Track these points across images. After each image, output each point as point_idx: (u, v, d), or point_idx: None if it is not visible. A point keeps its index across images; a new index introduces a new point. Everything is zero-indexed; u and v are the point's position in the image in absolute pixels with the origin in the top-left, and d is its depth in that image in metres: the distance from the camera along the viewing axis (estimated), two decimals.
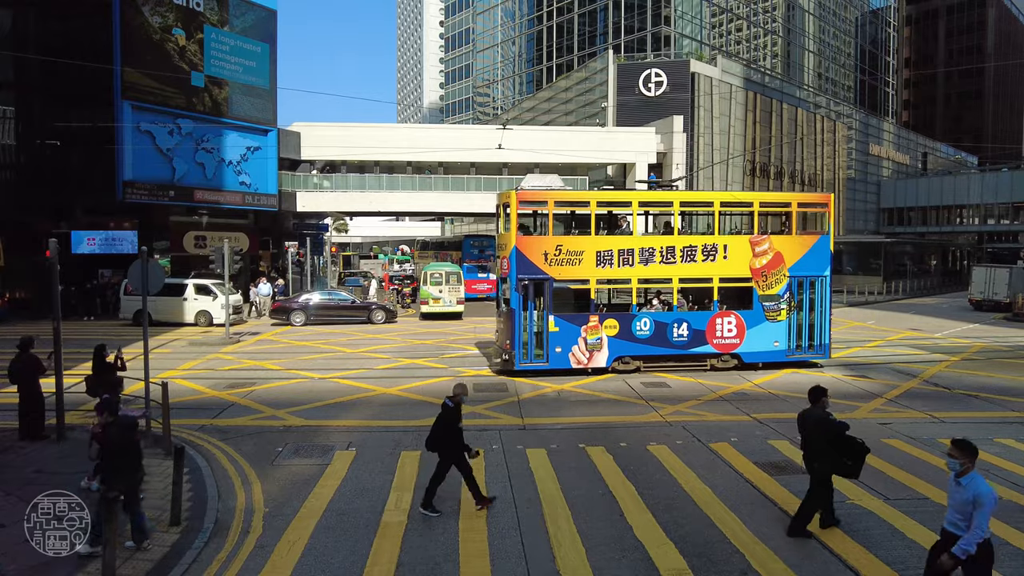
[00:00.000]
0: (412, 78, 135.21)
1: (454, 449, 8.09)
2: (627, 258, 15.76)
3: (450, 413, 8.15)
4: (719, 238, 16.23)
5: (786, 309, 16.38)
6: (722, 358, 16.48)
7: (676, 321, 16.16)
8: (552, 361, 15.61)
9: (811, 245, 16.59)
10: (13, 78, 29.62)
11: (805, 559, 6.97)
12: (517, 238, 15.37)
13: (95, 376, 10.47)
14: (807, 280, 16.54)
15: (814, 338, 16.73)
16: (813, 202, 19.21)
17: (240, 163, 31.92)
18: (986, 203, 59.56)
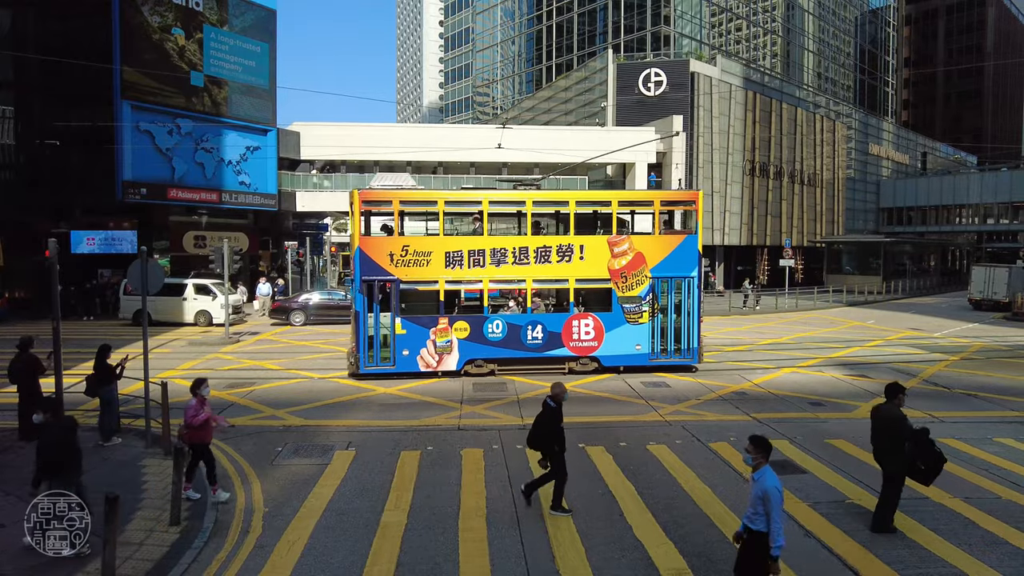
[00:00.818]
0: (412, 78, 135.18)
1: (553, 449, 8.03)
2: (478, 259, 15.31)
3: (552, 413, 8.07)
4: (575, 238, 15.71)
5: (648, 311, 15.82)
6: (580, 361, 15.98)
7: (530, 323, 15.68)
8: (399, 364, 15.15)
9: (676, 245, 15.95)
10: (13, 78, 29.62)
11: (805, 559, 6.98)
12: (360, 239, 15.02)
13: (96, 376, 10.46)
14: (672, 281, 15.88)
15: (681, 342, 16.05)
16: (679, 200, 18.04)
17: (240, 163, 31.91)
18: (985, 203, 59.57)
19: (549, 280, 15.90)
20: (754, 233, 47.20)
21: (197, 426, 8.15)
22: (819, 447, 10.69)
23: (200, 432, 8.21)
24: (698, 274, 15.96)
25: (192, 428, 8.14)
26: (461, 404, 13.38)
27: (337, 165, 37.94)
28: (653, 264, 15.81)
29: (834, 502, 8.42)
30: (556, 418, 8.04)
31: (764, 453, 5.64)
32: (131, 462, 9.59)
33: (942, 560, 6.95)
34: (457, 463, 9.83)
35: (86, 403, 11.23)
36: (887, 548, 7.19)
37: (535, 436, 8.10)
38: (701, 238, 16.14)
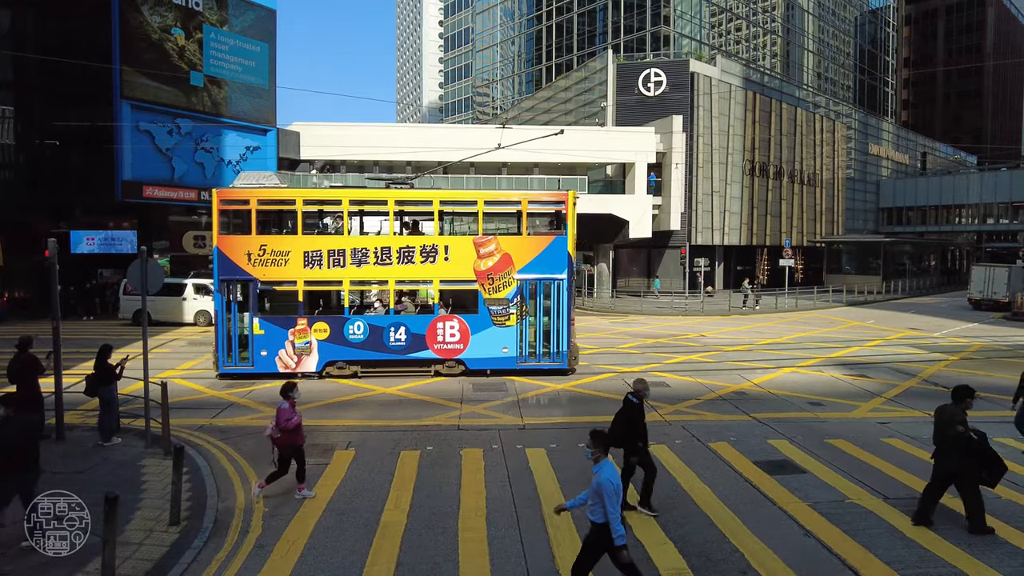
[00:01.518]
0: (411, 78, 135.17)
1: (639, 445, 8.02)
2: (338, 259, 15.07)
3: (634, 409, 8.04)
4: (439, 239, 15.50)
5: (516, 314, 15.50)
6: (447, 364, 15.70)
7: (393, 325, 15.43)
8: (257, 365, 14.95)
9: (545, 246, 15.54)
10: (12, 78, 29.60)
11: (805, 558, 6.98)
12: (219, 238, 14.95)
13: (96, 376, 10.46)
14: (541, 283, 15.52)
15: (551, 345, 15.70)
16: (548, 200, 17.57)
17: (239, 163, 31.91)
18: (985, 203, 59.58)
19: (413, 281, 15.65)
20: (754, 233, 47.20)
21: (291, 429, 8.21)
22: (819, 447, 10.69)
23: (293, 435, 8.27)
24: (568, 276, 15.54)
25: (286, 431, 8.20)
26: (461, 404, 13.38)
27: (337, 165, 37.92)
28: (521, 265, 15.44)
29: (833, 502, 8.42)
30: (639, 414, 8.04)
31: (603, 447, 5.89)
32: (131, 462, 9.58)
33: (942, 560, 6.95)
34: (457, 463, 9.83)
35: (86, 403, 11.23)
36: (887, 548, 7.19)
37: (614, 435, 8.08)
38: (573, 239, 15.63)
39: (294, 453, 8.37)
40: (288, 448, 8.29)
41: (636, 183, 38.14)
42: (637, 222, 37.52)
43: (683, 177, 40.17)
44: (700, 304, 33.81)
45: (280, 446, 8.24)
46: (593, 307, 34.32)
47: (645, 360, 18.46)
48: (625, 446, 8.06)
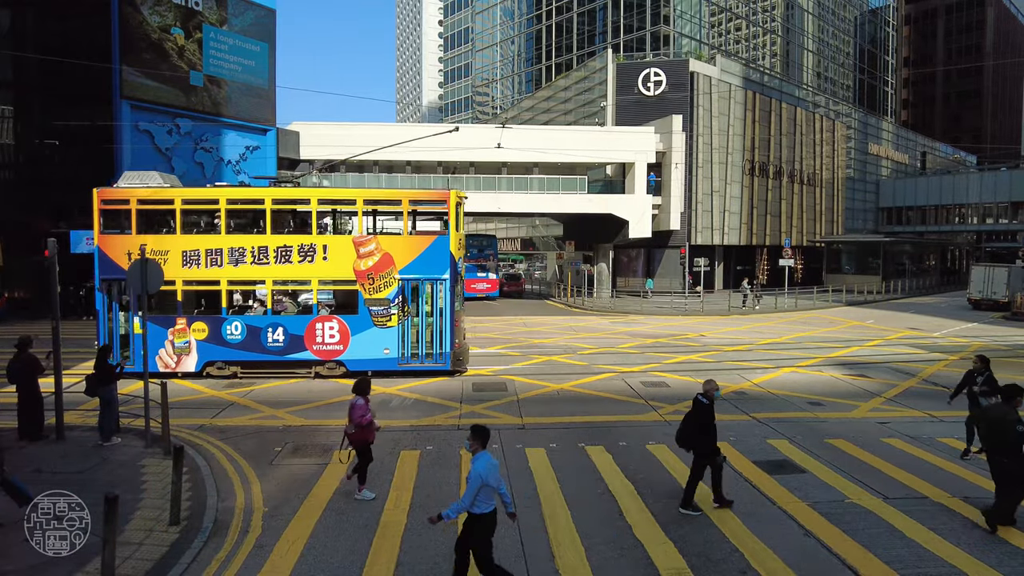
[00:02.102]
0: (411, 77, 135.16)
1: (709, 446, 8.05)
2: (215, 258, 14.92)
3: (705, 410, 8.06)
4: (318, 238, 15.28)
5: (397, 315, 15.30)
6: (327, 366, 15.48)
7: (271, 325, 15.22)
8: (139, 364, 14.21)
9: (426, 246, 15.34)
10: (12, 77, 29.59)
11: (804, 558, 6.98)
12: (99, 237, 14.87)
13: (96, 376, 10.46)
14: (423, 283, 15.34)
15: (433, 346, 15.50)
16: (429, 199, 17.37)
17: (239, 162, 31.91)
18: (985, 202, 59.60)
19: (291, 281, 15.49)
20: (753, 233, 47.20)
21: (364, 425, 8.32)
22: (818, 447, 10.69)
23: (366, 432, 8.37)
24: (451, 276, 15.33)
25: (361, 428, 8.30)
26: (461, 404, 13.38)
27: (336, 165, 37.90)
28: (402, 265, 15.24)
29: (833, 501, 8.43)
30: (710, 415, 8.06)
31: (480, 440, 6.11)
32: (131, 462, 9.58)
33: (941, 559, 6.95)
34: (456, 463, 9.83)
35: (86, 403, 11.23)
36: (886, 547, 7.20)
37: (685, 435, 8.15)
38: (455, 239, 15.39)
39: (363, 450, 8.52)
40: (361, 443, 8.43)
41: (636, 183, 38.14)
42: (637, 222, 37.52)
43: (683, 177, 40.16)
44: (700, 304, 33.81)
45: (353, 442, 8.39)
46: (593, 307, 34.33)
47: (645, 360, 18.46)
48: (695, 447, 8.11)
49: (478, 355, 19.20)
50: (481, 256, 39.60)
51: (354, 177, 36.84)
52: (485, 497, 5.95)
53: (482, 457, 6.03)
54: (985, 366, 10.41)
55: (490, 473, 5.92)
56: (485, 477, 5.86)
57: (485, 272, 39.18)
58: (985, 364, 10.44)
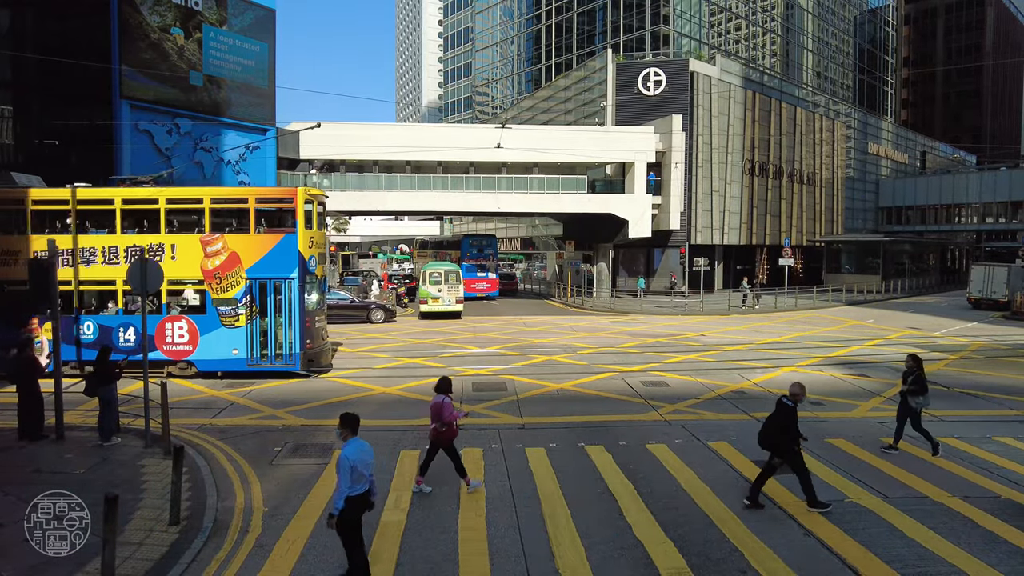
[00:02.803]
0: (411, 77, 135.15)
1: (791, 448, 8.08)
2: (65, 258, 14.73)
3: (788, 413, 8.11)
4: (166, 237, 15.14)
5: (245, 314, 15.12)
6: (179, 366, 15.38)
7: (122, 325, 15.16)
8: None
9: (273, 245, 15.15)
10: (11, 77, 29.54)
11: (804, 558, 6.98)
12: None
13: (95, 375, 10.46)
14: (271, 283, 15.15)
15: (282, 346, 15.32)
16: (276, 197, 17.06)
17: (239, 162, 31.90)
18: (984, 202, 59.60)
19: None
20: (753, 232, 47.21)
21: (451, 423, 8.49)
22: (818, 446, 10.69)
23: (451, 430, 8.53)
24: (300, 275, 15.11)
25: (449, 426, 8.47)
26: (460, 403, 13.36)
27: (336, 165, 37.90)
28: (249, 265, 15.09)
29: (833, 501, 8.42)
30: (793, 418, 8.11)
31: (349, 428, 6.34)
32: (131, 462, 9.58)
33: (941, 559, 6.95)
34: None
35: (86, 403, 11.22)
36: (886, 547, 7.20)
37: (766, 436, 8.21)
38: (304, 238, 15.19)
39: (448, 448, 8.64)
40: (447, 441, 8.57)
41: (636, 182, 38.14)
42: (637, 222, 37.53)
43: (683, 176, 40.15)
44: (699, 304, 33.81)
45: (440, 439, 8.53)
46: (593, 306, 34.33)
47: (645, 360, 18.46)
48: (773, 448, 8.17)
49: (478, 355, 19.21)
50: (481, 256, 39.61)
51: (353, 177, 36.85)
52: (356, 478, 6.18)
53: (353, 443, 6.27)
54: (917, 366, 10.48)
55: (359, 457, 6.18)
56: (353, 460, 6.11)
57: (485, 272, 39.18)
58: (917, 364, 10.51)
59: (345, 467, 6.08)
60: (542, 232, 63.02)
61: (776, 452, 8.17)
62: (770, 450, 8.26)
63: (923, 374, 10.41)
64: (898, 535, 7.51)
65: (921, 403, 10.27)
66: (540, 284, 49.61)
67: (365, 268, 53.52)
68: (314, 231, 15.60)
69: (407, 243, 74.49)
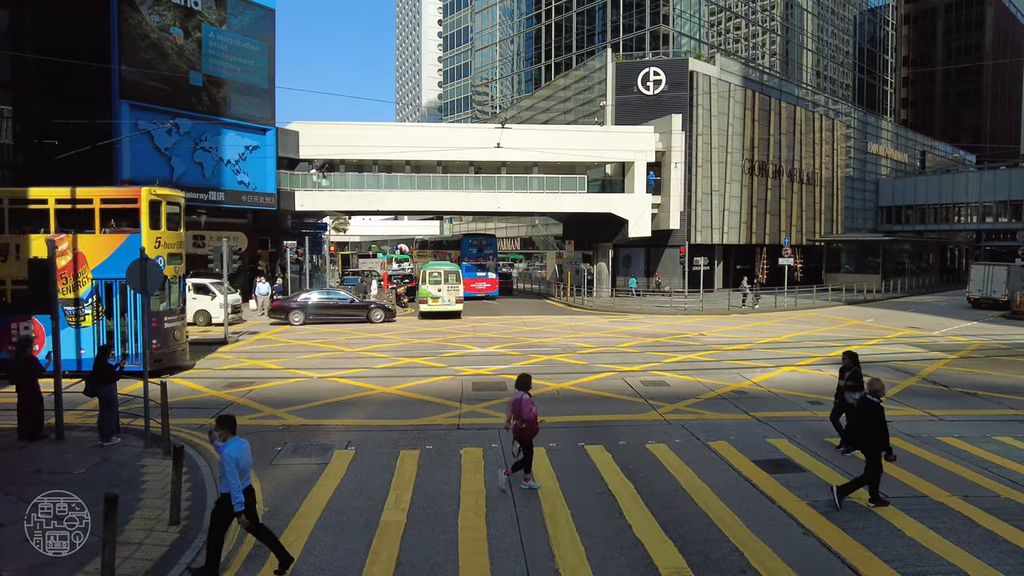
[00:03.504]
0: (410, 77, 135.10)
1: (880, 446, 8.10)
2: None
3: (876, 409, 8.12)
4: (10, 237, 15.18)
5: (92, 315, 15.07)
6: None
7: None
8: None
9: (118, 245, 15.08)
10: (11, 77, 29.54)
11: (804, 557, 6.98)
12: None
13: (96, 375, 10.46)
14: (116, 283, 15.02)
15: (127, 346, 15.13)
16: (121, 197, 16.92)
17: (239, 162, 31.88)
18: (984, 201, 59.61)
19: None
20: (753, 232, 47.21)
21: (531, 419, 8.53)
22: (818, 445, 10.70)
23: (532, 426, 8.58)
24: None
25: (530, 422, 8.52)
26: (460, 403, 13.38)
27: (336, 164, 37.90)
28: (95, 265, 15.04)
29: (833, 500, 8.42)
30: (882, 412, 8.13)
31: (228, 428, 6.58)
32: (130, 462, 9.58)
33: (941, 558, 6.95)
34: (457, 462, 9.83)
35: (86, 403, 11.22)
36: (886, 546, 7.20)
37: (859, 436, 8.23)
38: (150, 238, 15.09)
39: (523, 442, 8.69)
40: (527, 437, 8.62)
41: (635, 182, 38.15)
42: (636, 221, 37.54)
43: (682, 176, 40.16)
44: (699, 303, 33.82)
45: (521, 436, 8.58)
46: (592, 306, 34.33)
47: (644, 359, 18.46)
48: (866, 447, 8.17)
49: (478, 354, 19.22)
50: (480, 256, 39.61)
51: (353, 176, 36.84)
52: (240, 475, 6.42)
53: (233, 442, 6.50)
54: (853, 362, 10.45)
55: (241, 455, 6.43)
56: (236, 457, 6.36)
57: (485, 272, 39.18)
58: (853, 360, 10.48)
59: (231, 465, 6.31)
60: (542, 232, 63.02)
61: (870, 450, 8.13)
62: (860, 448, 8.26)
63: (860, 370, 10.38)
64: (898, 534, 7.51)
65: (857, 399, 10.29)
66: (540, 284, 49.60)
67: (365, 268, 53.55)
68: (162, 231, 15.59)
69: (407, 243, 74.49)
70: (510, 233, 72.83)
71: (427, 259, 42.56)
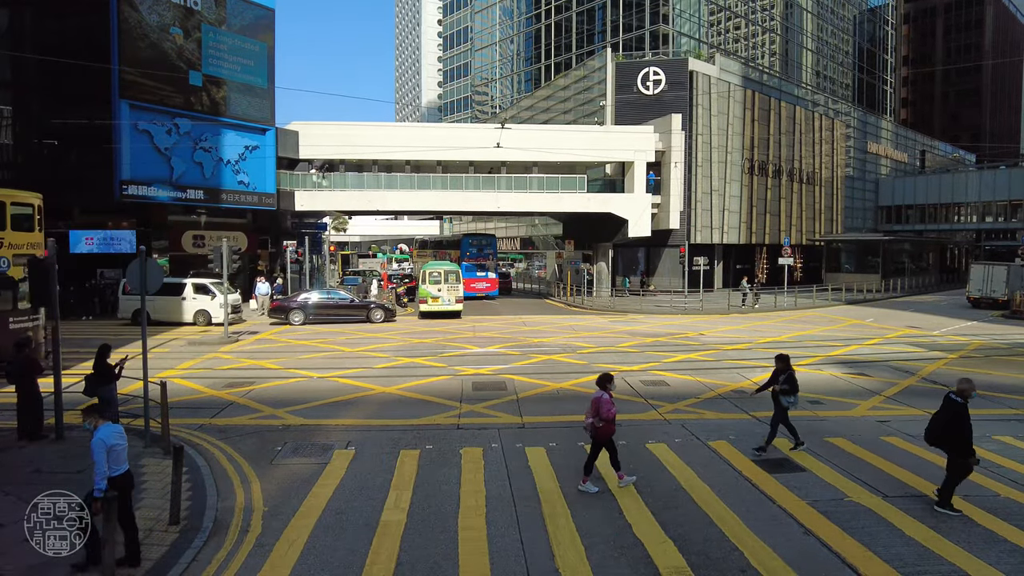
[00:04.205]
0: (410, 77, 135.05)
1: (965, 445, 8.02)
2: None
3: (960, 409, 8.04)
4: None
5: None
6: None
7: None
8: None
9: None
10: (10, 77, 29.55)
11: (804, 557, 6.98)
12: None
13: (95, 375, 10.44)
14: None
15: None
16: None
17: (238, 162, 31.87)
18: (984, 201, 59.61)
19: None
20: (753, 232, 47.22)
21: (611, 419, 8.55)
22: (818, 445, 10.70)
23: (611, 425, 8.61)
24: None
25: (608, 421, 8.53)
26: (460, 403, 13.38)
27: (336, 164, 37.90)
28: None
29: (833, 500, 8.43)
30: (965, 414, 8.04)
31: (96, 414, 6.70)
32: (130, 461, 9.55)
33: (941, 557, 6.96)
34: (457, 462, 9.83)
35: (85, 403, 11.19)
36: (886, 546, 7.20)
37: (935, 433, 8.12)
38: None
39: (607, 443, 8.71)
40: (606, 436, 8.63)
41: (635, 182, 38.14)
42: (636, 221, 37.53)
43: (682, 176, 40.16)
44: (699, 303, 33.82)
45: (599, 435, 8.60)
46: (592, 306, 34.33)
47: (644, 359, 18.46)
48: (950, 447, 8.06)
49: (477, 354, 19.22)
50: (480, 255, 39.61)
51: (353, 176, 36.83)
52: (115, 460, 6.49)
53: (105, 427, 6.57)
54: (786, 366, 10.22)
55: (115, 440, 6.51)
56: (107, 440, 6.42)
57: (485, 271, 39.18)
58: (786, 364, 10.25)
59: (101, 450, 6.32)
60: (542, 232, 63.02)
61: (955, 450, 8.04)
62: (942, 447, 8.17)
63: (794, 373, 10.21)
64: (898, 534, 7.51)
65: (792, 402, 10.11)
66: (539, 284, 49.60)
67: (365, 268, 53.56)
68: (7, 231, 15.63)
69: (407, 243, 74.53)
70: (510, 233, 72.83)
71: (427, 259, 42.56)
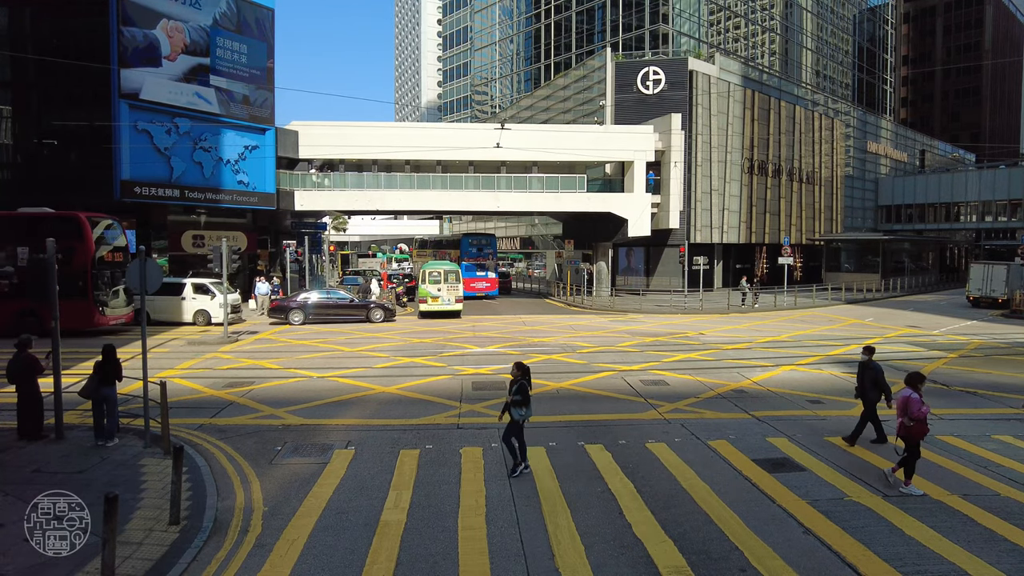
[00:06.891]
0: (410, 77, 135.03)
1: None
2: None
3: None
4: None
5: None
6: None
7: None
8: None
9: None
10: (10, 77, 29.54)
11: (804, 556, 6.98)
12: None
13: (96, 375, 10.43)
14: None
15: None
16: None
17: (238, 162, 31.86)
18: (984, 200, 59.61)
19: None
20: (753, 231, 47.21)
21: (922, 419, 8.47)
22: (818, 444, 10.70)
23: (922, 425, 8.51)
24: None
25: (919, 421, 8.45)
26: (460, 403, 13.38)
27: (335, 164, 37.88)
28: None
29: (833, 499, 8.44)
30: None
31: None
32: (130, 462, 9.57)
33: (941, 557, 6.96)
34: (456, 461, 9.83)
35: (85, 403, 11.20)
36: (886, 545, 7.20)
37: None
38: None
39: (910, 443, 8.62)
40: (917, 437, 8.55)
41: (635, 182, 38.12)
42: (636, 221, 37.52)
43: (682, 175, 40.14)
44: (699, 302, 33.82)
45: (910, 435, 8.53)
46: (592, 305, 34.33)
47: (644, 359, 18.47)
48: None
49: (477, 354, 19.22)
50: (480, 255, 39.61)
51: (353, 176, 36.82)
52: None
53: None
54: (522, 375, 9.12)
55: None
56: None
57: (485, 271, 39.18)
58: (523, 373, 9.13)
59: None
60: (541, 231, 63.02)
61: None
62: None
63: (528, 383, 9.13)
64: (897, 533, 7.52)
65: (524, 415, 9.10)
66: (539, 283, 49.59)
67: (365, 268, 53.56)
68: None
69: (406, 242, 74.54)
70: (510, 233, 72.82)
71: (427, 259, 42.56)
